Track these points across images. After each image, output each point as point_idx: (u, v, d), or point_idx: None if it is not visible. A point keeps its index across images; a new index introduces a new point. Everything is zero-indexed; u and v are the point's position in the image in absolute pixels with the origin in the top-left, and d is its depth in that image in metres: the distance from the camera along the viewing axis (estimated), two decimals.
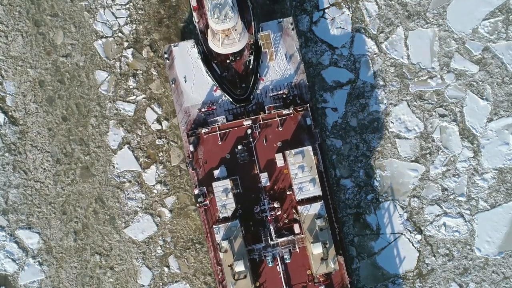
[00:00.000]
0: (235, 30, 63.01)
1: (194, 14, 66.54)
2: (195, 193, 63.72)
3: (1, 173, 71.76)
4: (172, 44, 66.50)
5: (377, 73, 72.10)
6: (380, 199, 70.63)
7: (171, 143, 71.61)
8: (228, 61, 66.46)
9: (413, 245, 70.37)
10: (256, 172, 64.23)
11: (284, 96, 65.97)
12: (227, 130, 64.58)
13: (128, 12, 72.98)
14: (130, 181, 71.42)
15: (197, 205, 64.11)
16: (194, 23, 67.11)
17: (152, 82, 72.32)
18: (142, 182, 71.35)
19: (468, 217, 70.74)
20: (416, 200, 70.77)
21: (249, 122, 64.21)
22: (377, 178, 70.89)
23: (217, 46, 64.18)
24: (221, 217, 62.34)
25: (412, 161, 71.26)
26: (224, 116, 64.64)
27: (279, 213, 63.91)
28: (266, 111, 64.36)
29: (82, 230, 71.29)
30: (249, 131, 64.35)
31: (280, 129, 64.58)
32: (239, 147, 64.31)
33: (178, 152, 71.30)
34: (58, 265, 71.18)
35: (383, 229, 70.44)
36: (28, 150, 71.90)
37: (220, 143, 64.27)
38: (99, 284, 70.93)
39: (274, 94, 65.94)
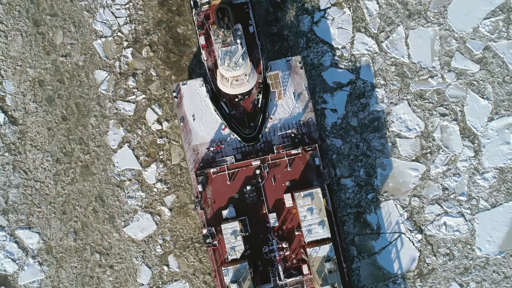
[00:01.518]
0: (245, 74, 64.48)
1: (203, 52, 68.06)
2: (204, 234, 64.82)
3: (1, 173, 72.98)
4: (181, 83, 67.73)
5: (377, 72, 73.26)
6: (380, 199, 71.73)
7: (172, 142, 72.78)
8: (236, 100, 67.75)
9: (413, 244, 71.43)
10: (264, 212, 65.45)
11: (293, 135, 67.05)
12: (235, 170, 65.70)
13: (128, 12, 74.13)
14: (130, 180, 72.57)
15: (206, 245, 65.15)
16: (203, 60, 68.53)
17: (151, 83, 73.49)
18: (142, 181, 72.54)
19: (469, 216, 71.80)
20: (417, 199, 71.84)
21: (258, 162, 65.42)
22: (377, 177, 71.98)
23: (225, 86, 65.44)
24: (230, 259, 63.39)
25: (413, 160, 72.32)
26: (232, 156, 65.73)
27: (287, 253, 65.18)
28: (275, 151, 65.54)
29: (81, 229, 72.46)
30: (257, 171, 65.42)
31: (289, 169, 65.67)
32: (248, 187, 65.43)
33: (179, 151, 72.50)
34: (58, 265, 72.40)
35: (384, 228, 71.52)
36: (28, 150, 73.12)
37: (228, 183, 65.47)
38: (99, 283, 72.14)
39: (282, 133, 67.07)
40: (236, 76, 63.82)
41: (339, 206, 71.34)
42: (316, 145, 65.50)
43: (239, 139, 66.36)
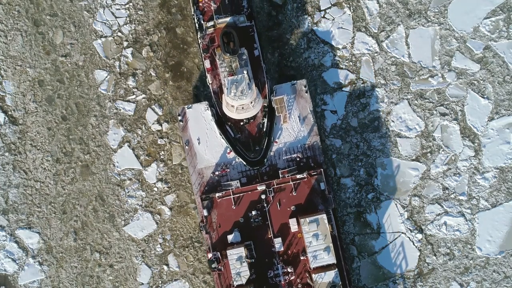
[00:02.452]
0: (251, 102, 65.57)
1: (208, 75, 68.97)
2: (209, 258, 65.73)
3: (1, 172, 73.95)
4: (186, 106, 68.52)
5: (378, 72, 74.09)
6: (380, 198, 72.63)
7: (173, 142, 73.69)
8: (241, 123, 68.55)
9: (413, 244, 72.28)
10: (269, 236, 66.26)
11: (298, 159, 67.81)
12: (240, 194, 66.50)
13: (128, 12, 75.02)
14: (130, 179, 73.50)
15: (211, 270, 65.85)
16: (208, 84, 69.42)
17: (151, 83, 74.32)
18: (142, 180, 73.48)
19: (469, 216, 72.64)
20: (417, 199, 72.69)
21: (263, 187, 66.10)
22: (377, 177, 72.83)
23: (231, 111, 66.36)
24: (235, 285, 64.30)
25: (413, 160, 73.15)
26: (238, 180, 66.53)
27: (292, 277, 65.97)
28: (280, 176, 66.27)
29: (81, 229, 73.41)
30: (263, 196, 66.21)
31: (294, 194, 66.46)
32: (253, 212, 66.25)
33: (179, 151, 73.38)
34: (58, 265, 73.34)
35: (384, 228, 72.40)
36: (28, 150, 74.07)
37: (234, 207, 66.33)
38: (98, 283, 73.07)
39: (287, 157, 67.84)
40: (242, 104, 64.84)
41: (339, 206, 72.33)
42: (321, 169, 66.23)
43: (244, 163, 67.17)
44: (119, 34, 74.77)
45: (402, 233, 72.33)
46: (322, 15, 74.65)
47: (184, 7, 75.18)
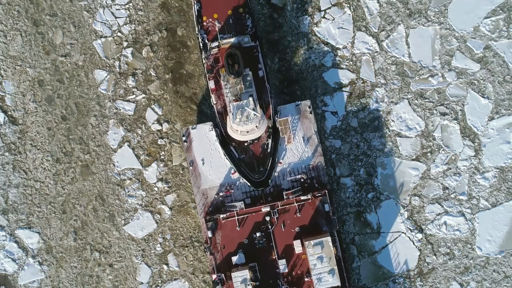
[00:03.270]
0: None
1: (212, 96, 69.73)
2: (213, 280, 66.63)
3: (1, 172, 74.74)
4: (190, 127, 69.23)
5: (378, 72, 74.82)
6: (381, 198, 73.36)
7: (173, 143, 74.41)
8: (246, 144, 69.37)
9: (414, 244, 73.03)
10: (274, 257, 67.03)
11: (302, 180, 68.46)
12: (245, 216, 67.31)
13: (128, 12, 75.76)
14: (130, 179, 74.29)
15: None
16: (212, 104, 70.18)
17: (151, 83, 75.00)
18: (142, 180, 74.28)
19: (469, 216, 73.39)
20: (417, 198, 73.43)
21: (268, 208, 66.94)
22: (377, 177, 73.56)
23: (235, 133, 67.15)
24: None
25: (413, 159, 73.88)
26: (242, 202, 67.08)
27: None
28: (284, 197, 66.87)
29: (81, 228, 74.14)
30: (267, 217, 66.99)
31: (299, 215, 67.20)
32: (257, 233, 67.04)
33: (180, 152, 74.12)
34: (58, 265, 74.13)
35: (384, 227, 73.14)
36: (28, 150, 74.85)
37: (238, 229, 67.15)
38: (98, 282, 73.85)
39: (292, 178, 68.48)
40: (248, 129, 65.91)
41: (339, 206, 73.12)
42: (326, 191, 66.99)
43: (249, 184, 67.85)
44: (119, 34, 75.48)
45: (402, 232, 73.08)
46: (322, 15, 75.37)
47: (186, 10, 76.06)
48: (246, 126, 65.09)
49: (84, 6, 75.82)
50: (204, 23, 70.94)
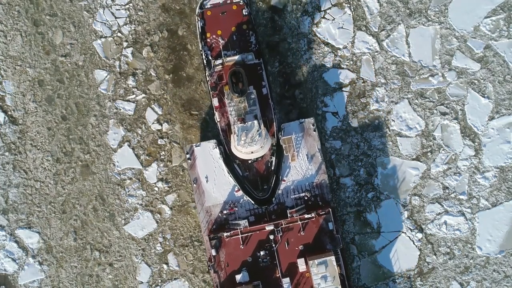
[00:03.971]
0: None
1: (216, 113, 70.15)
2: None
3: (1, 172, 75.39)
4: (194, 144, 69.88)
5: (378, 71, 75.45)
6: (381, 197, 73.98)
7: (173, 143, 74.99)
8: (249, 161, 69.84)
9: (414, 243, 73.65)
10: (278, 276, 67.59)
11: (306, 198, 69.05)
12: (249, 234, 67.80)
13: (128, 12, 76.41)
14: (130, 179, 74.90)
15: None
16: (216, 121, 70.63)
17: (151, 83, 75.63)
18: (142, 180, 74.90)
19: (469, 215, 74.02)
20: (417, 198, 74.08)
21: (271, 227, 67.38)
22: (378, 176, 74.16)
23: (239, 152, 67.71)
24: None
25: (413, 159, 74.52)
26: (246, 220, 67.57)
27: None
28: (288, 215, 67.32)
29: (81, 228, 74.75)
30: (271, 236, 67.49)
31: (302, 233, 67.67)
32: (261, 252, 67.61)
33: (179, 153, 74.78)
34: (58, 265, 74.72)
35: (384, 227, 73.72)
36: (28, 150, 75.49)
37: (242, 247, 67.68)
38: (98, 281, 74.44)
39: (296, 196, 68.99)
40: (252, 150, 66.72)
41: (338, 205, 73.74)
42: (329, 209, 67.51)
43: (253, 202, 68.41)
44: (119, 34, 76.08)
45: (402, 232, 73.69)
46: (322, 16, 75.96)
47: (187, 13, 76.72)
48: (251, 148, 65.83)
49: (84, 6, 76.41)
50: (208, 40, 71.49)
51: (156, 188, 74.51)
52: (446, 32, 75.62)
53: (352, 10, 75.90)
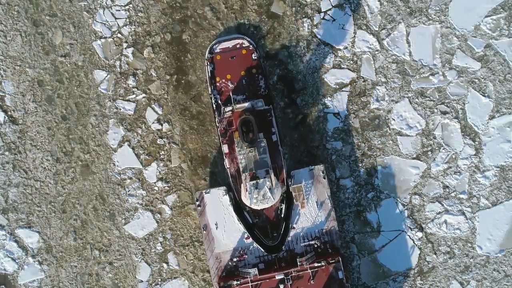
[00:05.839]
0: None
1: (226, 159, 70.99)
2: None
3: (1, 172, 76.74)
4: (204, 191, 70.58)
5: (378, 70, 76.43)
6: (381, 197, 75.24)
7: (172, 144, 76.05)
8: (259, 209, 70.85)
9: (414, 242, 75.05)
10: None
11: (316, 246, 69.82)
12: (258, 282, 68.51)
13: (128, 13, 77.38)
14: (131, 178, 76.13)
15: None
16: (225, 167, 71.57)
17: (151, 83, 76.56)
18: (142, 179, 76.11)
19: (469, 214, 75.40)
20: (417, 197, 75.48)
21: (281, 276, 67.97)
22: (378, 176, 75.43)
23: (250, 201, 68.19)
24: None
25: (413, 158, 75.74)
26: (256, 269, 67.98)
27: None
28: (298, 263, 67.93)
29: (81, 227, 76.07)
30: (281, 285, 67.91)
31: (312, 282, 68.21)
32: None
33: (179, 153, 75.81)
34: (58, 265, 76.20)
35: (384, 226, 74.97)
36: (28, 149, 76.74)
37: None
38: (98, 280, 75.95)
39: (305, 243, 69.65)
40: (264, 207, 68.13)
41: (338, 206, 75.06)
42: (339, 257, 68.47)
43: (262, 250, 69.24)
44: (119, 35, 77.05)
45: (402, 231, 74.97)
46: (322, 17, 76.72)
47: (188, 15, 77.04)
48: (263, 205, 66.83)
49: (84, 7, 77.31)
50: (217, 84, 72.55)
51: (156, 188, 75.69)
52: (446, 31, 76.51)
53: (352, 9, 76.66)
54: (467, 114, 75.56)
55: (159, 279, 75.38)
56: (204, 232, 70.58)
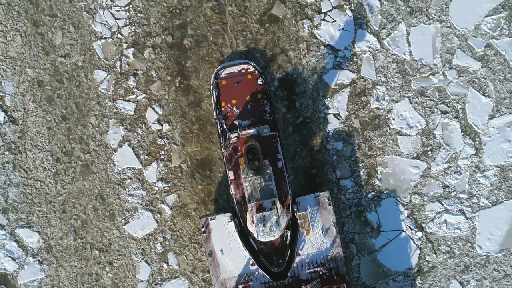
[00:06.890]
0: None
1: (231, 186, 71.98)
2: None
3: (1, 171, 77.94)
4: (209, 217, 71.86)
5: (378, 70, 77.47)
6: (381, 196, 76.36)
7: (172, 144, 77.15)
8: None
9: (414, 242, 76.22)
10: None
11: (321, 272, 71.12)
12: None
13: (128, 14, 78.32)
14: (131, 178, 77.24)
15: None
16: (231, 193, 72.67)
17: (152, 83, 77.57)
18: (143, 179, 77.20)
19: (469, 214, 76.54)
20: (417, 197, 76.65)
21: None
22: (378, 176, 76.57)
23: (257, 234, 68.95)
24: None
25: (414, 158, 76.88)
26: None
27: None
28: None
29: (81, 227, 77.22)
30: None
31: None
32: None
33: (179, 154, 76.98)
34: (58, 264, 77.48)
35: (384, 226, 76.20)
36: (28, 149, 77.85)
37: None
38: (98, 280, 77.13)
39: (311, 270, 70.88)
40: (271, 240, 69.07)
41: (338, 208, 76.13)
42: (344, 284, 69.69)
43: (267, 276, 70.43)
44: (119, 35, 77.97)
45: (402, 231, 76.14)
46: (322, 18, 77.65)
47: (189, 17, 77.88)
48: (269, 238, 67.71)
49: (84, 7, 78.27)
50: (223, 109, 73.66)
51: (156, 188, 76.67)
52: (447, 30, 77.43)
53: (353, 9, 77.51)
54: (467, 113, 76.63)
55: (159, 279, 76.40)
56: (210, 258, 71.61)
